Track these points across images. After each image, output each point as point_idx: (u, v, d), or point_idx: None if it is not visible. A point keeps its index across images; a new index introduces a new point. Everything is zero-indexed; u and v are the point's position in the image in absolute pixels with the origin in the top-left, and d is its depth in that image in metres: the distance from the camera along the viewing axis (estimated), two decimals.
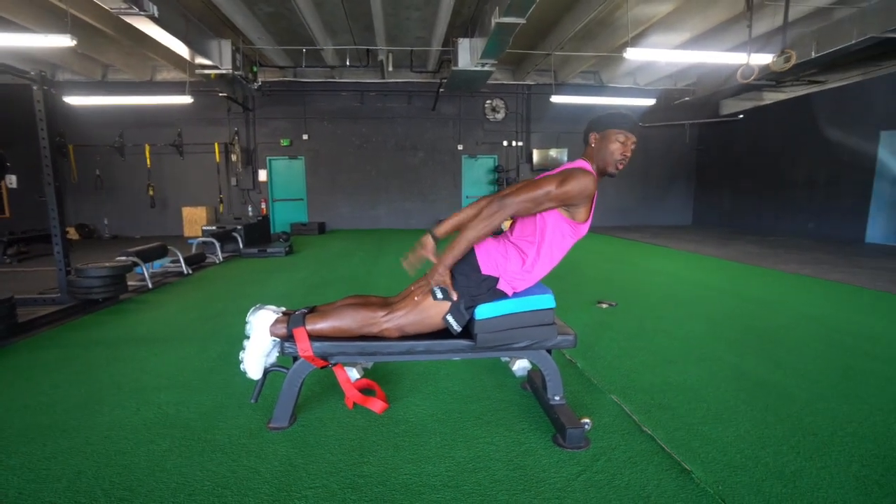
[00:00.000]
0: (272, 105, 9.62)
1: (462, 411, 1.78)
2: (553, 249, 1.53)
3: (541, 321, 1.55)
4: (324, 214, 10.20)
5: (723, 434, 1.58)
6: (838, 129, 7.56)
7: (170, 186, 9.62)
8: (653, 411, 1.76)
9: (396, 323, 1.55)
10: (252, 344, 1.56)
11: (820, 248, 6.55)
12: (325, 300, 3.66)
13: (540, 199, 1.42)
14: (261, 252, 6.11)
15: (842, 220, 7.54)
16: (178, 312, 3.31)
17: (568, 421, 1.55)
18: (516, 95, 10.40)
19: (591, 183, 1.42)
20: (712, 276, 4.55)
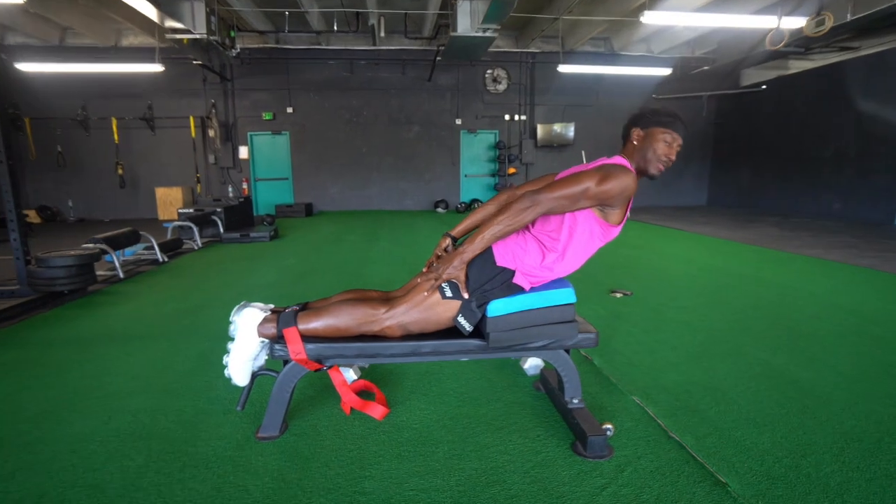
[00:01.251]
0: (252, 75, 9.35)
1: (471, 416, 1.72)
2: (579, 250, 1.48)
3: (560, 318, 1.49)
4: (311, 195, 10.05)
5: (758, 440, 1.53)
6: (871, 100, 7.44)
7: (141, 164, 9.41)
8: (679, 414, 1.71)
9: (399, 320, 1.47)
10: (237, 347, 1.49)
11: (847, 230, 6.51)
12: (314, 290, 3.59)
13: (577, 197, 1.37)
14: (243, 237, 6.00)
15: (870, 201, 7.49)
16: (153, 305, 3.23)
17: (589, 427, 1.49)
18: (519, 65, 10.17)
19: (633, 182, 1.38)
20: (732, 261, 4.50)
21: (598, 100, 10.50)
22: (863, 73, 7.60)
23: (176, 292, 3.58)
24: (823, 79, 8.27)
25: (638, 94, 10.54)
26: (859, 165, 7.68)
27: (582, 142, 10.61)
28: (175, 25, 6.63)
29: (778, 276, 3.85)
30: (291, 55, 9.26)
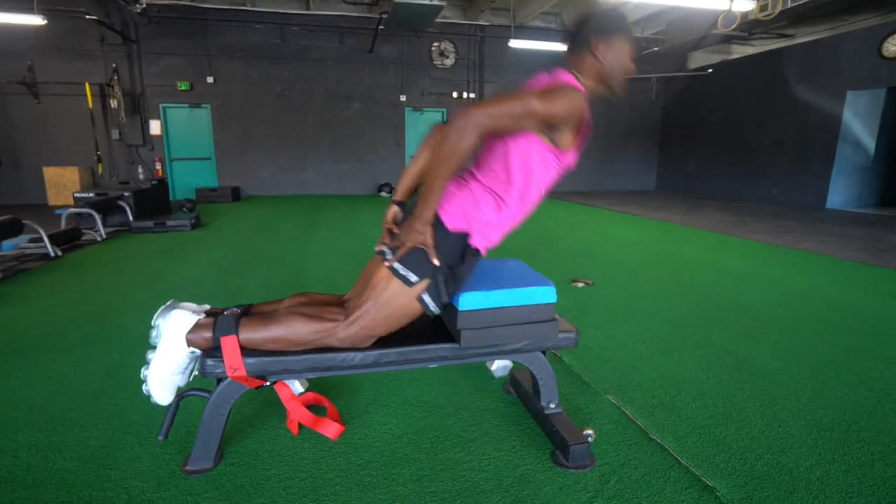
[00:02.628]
0: (163, 37, 8.51)
1: (438, 428, 1.63)
2: (537, 185, 1.35)
3: (540, 317, 1.42)
4: (238, 177, 9.42)
5: (736, 437, 1.57)
6: (806, 88, 8.11)
7: (23, 139, 8.31)
8: (657, 413, 1.72)
9: (363, 325, 1.32)
10: (160, 357, 1.28)
11: (786, 214, 7.10)
12: (247, 284, 3.32)
13: (518, 116, 1.20)
14: (158, 225, 5.48)
15: (805, 186, 8.22)
16: (42, 311, 2.82)
17: (569, 435, 1.45)
18: (468, 38, 10.06)
19: (584, 104, 1.24)
20: (688, 247, 4.73)
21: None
22: (798, 61, 8.26)
23: (74, 294, 3.16)
24: (763, 66, 8.91)
25: None
26: (795, 152, 8.39)
27: None
28: None
29: (733, 262, 4.09)
30: (210, 16, 8.51)
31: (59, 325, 2.58)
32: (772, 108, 8.77)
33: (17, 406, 1.76)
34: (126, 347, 2.29)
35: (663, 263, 4.04)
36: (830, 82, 7.73)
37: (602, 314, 2.78)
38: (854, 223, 6.27)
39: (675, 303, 2.99)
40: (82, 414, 1.70)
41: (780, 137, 8.62)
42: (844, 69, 7.53)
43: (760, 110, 9.00)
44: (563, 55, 1.39)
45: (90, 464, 1.42)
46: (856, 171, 7.91)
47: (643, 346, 2.32)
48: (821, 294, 3.18)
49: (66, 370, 2.04)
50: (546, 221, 6.50)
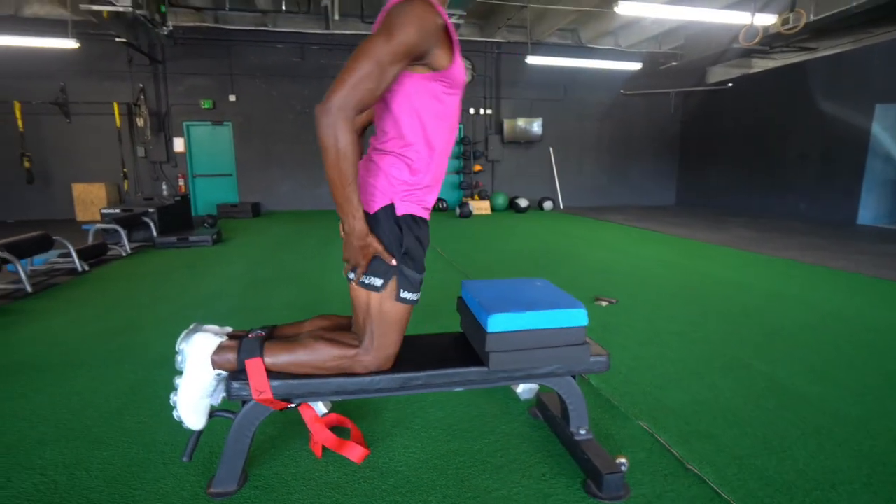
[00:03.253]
0: (188, 57, 8.78)
1: (464, 453, 1.58)
2: (436, 123, 1.24)
3: (570, 340, 1.38)
4: (258, 193, 9.58)
5: (781, 470, 1.49)
6: (832, 101, 7.95)
7: (54, 157, 8.60)
8: (692, 441, 1.65)
9: (375, 349, 1.30)
10: (187, 382, 1.27)
11: (814, 231, 6.91)
12: (269, 301, 3.34)
13: (375, 74, 1.06)
14: (181, 241, 5.58)
15: (834, 201, 8.01)
16: (69, 326, 2.87)
17: (602, 463, 1.39)
18: (485, 55, 10.16)
19: (427, 10, 1.09)
20: (712, 265, 4.62)
21: (567, 95, 10.67)
22: (824, 75, 8.12)
23: (100, 309, 3.22)
24: (786, 79, 8.78)
25: (606, 90, 10.81)
26: (822, 166, 8.20)
27: (551, 138, 10.74)
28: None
29: (760, 281, 3.97)
30: (233, 36, 8.78)
31: (86, 341, 2.61)
32: (796, 122, 8.62)
33: (46, 421, 1.77)
34: (149, 364, 2.30)
35: (686, 281, 3.95)
36: (858, 95, 7.58)
37: (627, 334, 2.71)
38: (889, 240, 6.06)
39: (702, 323, 2.91)
40: (107, 431, 1.70)
41: (806, 151, 8.44)
42: (872, 82, 7.38)
43: (784, 124, 8.85)
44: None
45: (115, 484, 1.41)
46: (887, 186, 7.68)
47: (672, 368, 2.25)
48: (858, 315, 3.06)
49: (91, 386, 2.06)
50: (565, 238, 6.44)
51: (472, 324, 1.46)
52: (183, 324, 2.89)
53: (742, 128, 9.78)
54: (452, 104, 1.26)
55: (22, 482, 1.42)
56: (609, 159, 11.28)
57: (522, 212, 9.81)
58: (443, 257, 5.00)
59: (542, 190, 10.96)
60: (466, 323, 1.56)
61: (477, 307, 1.40)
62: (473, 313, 1.44)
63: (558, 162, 10.93)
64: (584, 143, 11.04)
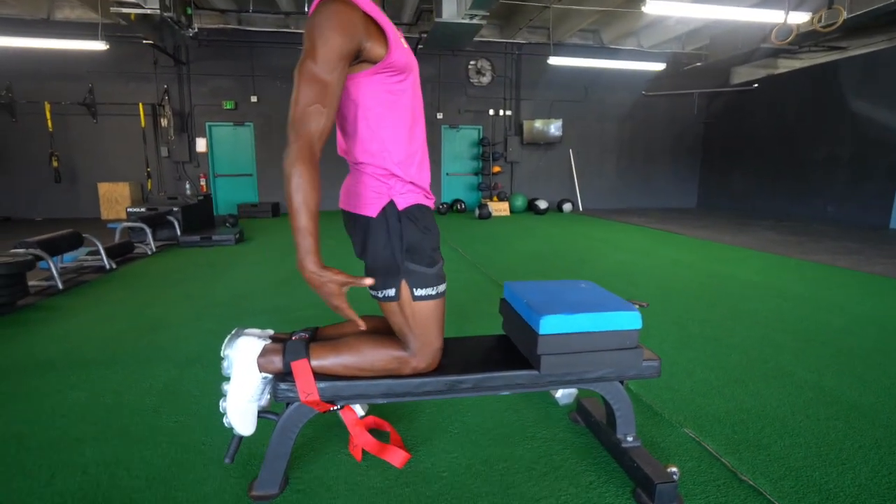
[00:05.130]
0: (212, 58, 8.90)
1: (507, 458, 1.55)
2: (394, 112, 1.19)
3: (624, 344, 1.33)
4: (278, 193, 9.66)
5: (840, 482, 1.42)
6: (864, 101, 7.73)
7: (81, 156, 8.78)
8: (742, 450, 1.59)
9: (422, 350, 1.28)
10: (235, 387, 1.26)
11: (845, 235, 6.71)
12: (295, 301, 3.34)
13: (318, 91, 1.03)
14: (204, 240, 5.63)
15: (865, 204, 7.78)
16: (101, 323, 2.90)
17: (654, 472, 1.34)
18: (505, 56, 10.11)
19: (343, 9, 1.04)
20: (739, 268, 4.51)
21: (588, 96, 10.56)
22: (854, 74, 7.90)
23: (129, 306, 3.25)
24: (814, 79, 8.57)
25: (628, 91, 10.68)
26: (853, 168, 7.97)
27: (571, 139, 10.64)
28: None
29: (791, 285, 3.86)
30: (256, 38, 8.86)
31: (117, 338, 2.63)
32: (825, 123, 8.40)
33: (84, 419, 1.77)
34: (181, 362, 2.30)
35: (714, 285, 3.85)
36: (892, 95, 7.35)
37: (661, 339, 2.64)
38: None
39: (735, 328, 2.82)
40: (145, 430, 1.70)
41: (836, 153, 8.22)
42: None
43: (813, 125, 8.63)
44: None
45: (157, 484, 1.40)
46: None
47: (712, 375, 2.18)
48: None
49: (125, 383, 2.07)
50: (585, 240, 6.36)
51: (519, 326, 1.43)
52: (212, 322, 2.90)
53: (767, 129, 9.57)
54: (406, 90, 1.21)
55: (65, 480, 1.42)
56: (629, 161, 11.13)
57: (542, 213, 9.73)
58: (465, 259, 4.96)
59: (561, 192, 10.86)
60: (511, 325, 1.53)
61: (525, 309, 1.37)
62: (521, 315, 1.41)
63: (578, 163, 10.82)
64: (604, 145, 10.92)
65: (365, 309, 3.15)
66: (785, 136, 9.19)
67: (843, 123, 8.07)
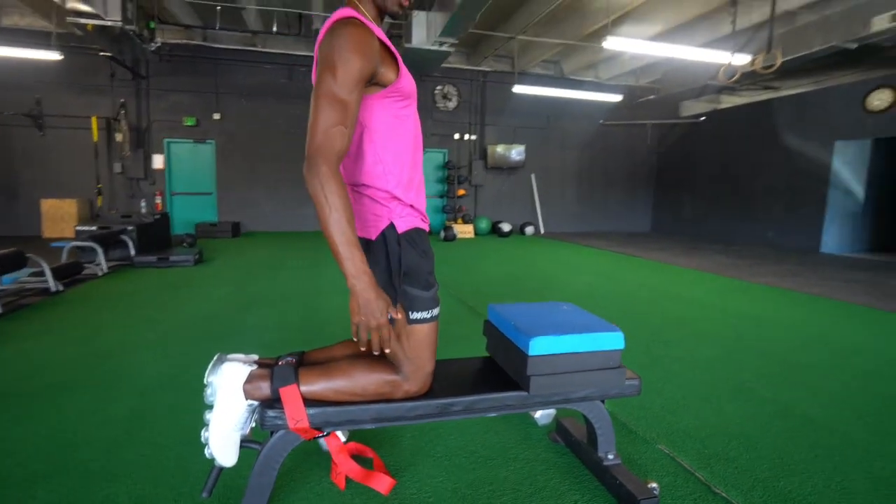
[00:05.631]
0: (173, 74, 8.67)
1: (491, 481, 1.55)
2: (396, 136, 1.23)
3: (608, 364, 1.39)
4: (238, 213, 9.39)
5: (801, 491, 1.52)
6: (796, 136, 8.45)
7: (23, 170, 8.25)
8: (713, 464, 1.67)
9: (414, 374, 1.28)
10: (219, 415, 1.21)
11: (784, 258, 7.22)
12: (263, 322, 3.24)
13: (339, 111, 1.05)
14: (161, 260, 5.38)
15: (799, 230, 8.42)
16: (51, 349, 2.71)
17: (636, 488, 1.39)
18: (471, 82, 10.40)
19: (363, 34, 1.08)
20: (696, 289, 4.76)
21: (549, 124, 10.98)
22: (786, 112, 8.64)
23: (82, 331, 3.05)
24: (753, 115, 9.30)
25: (587, 120, 11.19)
26: (787, 197, 8.64)
27: (533, 165, 10.99)
28: (80, 7, 5.97)
29: (745, 306, 4.10)
30: (221, 55, 8.73)
31: (71, 365, 2.47)
32: (763, 155, 9.10)
33: (35, 456, 1.64)
34: (145, 389, 2.18)
35: (674, 306, 4.04)
36: (819, 132, 8.08)
37: (631, 359, 2.74)
38: (853, 268, 6.38)
39: (697, 347, 2.97)
40: (108, 464, 1.60)
41: (773, 183, 8.89)
42: (832, 120, 7.89)
43: (752, 157, 9.32)
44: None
45: None
46: (847, 218, 8.14)
47: (679, 393, 2.27)
48: (841, 339, 3.18)
49: (83, 414, 1.94)
50: (550, 263, 6.53)
51: (506, 347, 1.46)
52: (176, 346, 2.77)
53: (714, 159, 10.24)
54: (410, 115, 1.26)
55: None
56: (589, 187, 11.59)
57: (505, 236, 9.92)
58: None
59: (523, 215, 11.13)
60: (497, 347, 1.56)
61: (513, 331, 1.40)
62: (508, 337, 1.44)
63: (540, 188, 11.16)
64: (565, 171, 11.33)
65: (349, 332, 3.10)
66: (729, 166, 9.86)
67: (779, 156, 8.76)
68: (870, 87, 7.35)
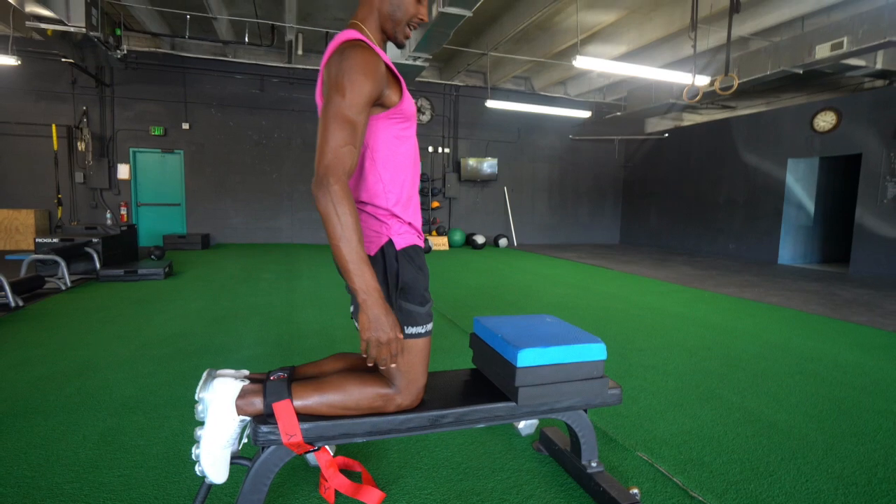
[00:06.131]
0: (140, 82, 8.45)
1: (479, 491, 1.58)
2: (395, 157, 1.27)
3: (592, 374, 1.44)
4: (208, 225, 9.16)
5: (769, 493, 1.61)
6: (753, 153, 8.93)
7: None
8: (689, 469, 1.74)
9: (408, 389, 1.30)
10: (211, 431, 1.20)
11: (744, 269, 7.58)
12: (237, 338, 3.17)
13: (348, 132, 1.08)
14: (129, 273, 5.20)
15: (758, 243, 8.86)
16: (14, 368, 2.58)
17: (619, 495, 1.44)
18: (444, 96, 10.55)
19: (371, 57, 1.12)
20: (664, 300, 4.94)
21: (521, 138, 11.23)
22: (743, 130, 9.14)
23: (47, 348, 2.92)
24: (713, 132, 9.79)
25: (557, 135, 11.50)
26: (747, 210, 9.10)
27: (506, 177, 11.19)
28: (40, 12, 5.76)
29: (710, 316, 4.29)
30: (190, 64, 8.58)
31: (36, 385, 2.36)
32: (724, 171, 9.56)
33: (2, 480, 1.57)
34: (117, 409, 2.11)
35: (645, 317, 4.19)
36: (773, 150, 8.57)
37: (606, 369, 2.83)
38: (807, 278, 6.76)
39: (669, 356, 3.09)
40: (82, 488, 1.54)
41: (733, 197, 9.35)
42: (784, 139, 8.39)
43: (714, 172, 9.78)
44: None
45: None
46: (800, 231, 8.63)
47: (655, 401, 2.36)
48: (798, 346, 3.37)
49: (53, 436, 1.86)
50: (524, 274, 6.65)
51: (494, 359, 1.50)
52: (149, 364, 2.69)
53: (678, 174, 10.69)
54: (410, 136, 1.30)
55: None
56: (559, 200, 11.87)
57: (479, 248, 10.03)
58: None
59: (497, 227, 11.29)
60: (483, 359, 1.59)
61: (501, 343, 1.44)
62: (496, 349, 1.48)
63: (512, 201, 11.36)
64: (536, 184, 11.58)
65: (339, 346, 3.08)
66: (692, 181, 10.31)
67: (738, 171, 9.24)
68: (816, 108, 7.86)
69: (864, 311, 4.59)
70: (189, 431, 1.92)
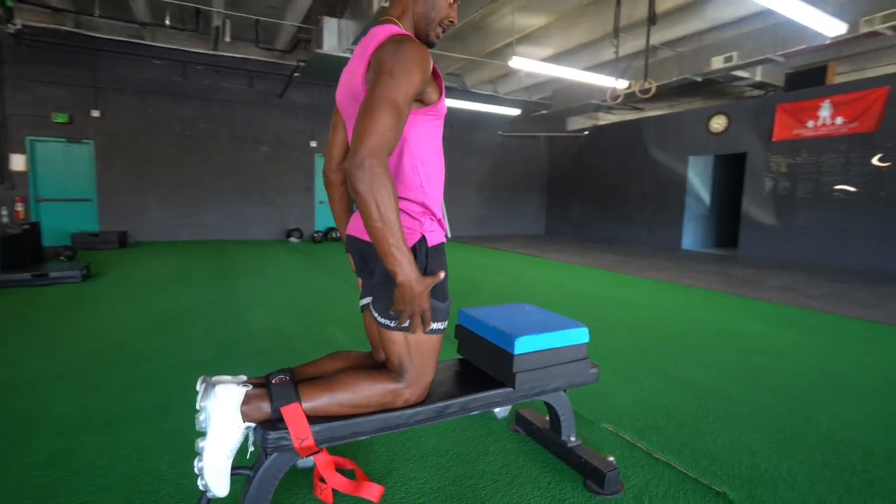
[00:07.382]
0: (38, 62, 7.37)
1: (471, 475, 1.62)
2: (436, 156, 1.31)
3: (576, 356, 1.53)
4: (125, 221, 8.27)
5: (716, 447, 1.81)
6: (659, 151, 9.76)
7: None
8: (649, 435, 1.91)
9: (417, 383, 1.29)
10: (215, 441, 1.11)
11: (656, 254, 8.30)
12: (183, 342, 2.93)
13: (395, 117, 1.07)
14: (38, 277, 4.56)
15: (665, 230, 9.73)
16: None
17: (600, 464, 1.55)
18: None
19: (426, 52, 1.14)
20: (595, 285, 5.29)
21: (453, 133, 11.34)
22: (650, 130, 9.96)
23: None
24: (625, 131, 10.55)
25: (487, 130, 11.76)
26: (655, 202, 9.94)
27: None
28: None
29: (637, 297, 4.66)
30: (99, 45, 7.62)
31: None
32: (636, 166, 10.36)
33: None
34: (62, 429, 1.88)
35: (583, 301, 4.46)
36: (676, 148, 9.43)
37: None
38: (707, 261, 7.56)
39: (611, 336, 3.33)
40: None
41: (644, 190, 10.17)
42: (685, 138, 9.26)
43: (627, 167, 10.56)
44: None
45: None
46: (699, 219, 9.61)
47: (609, 377, 2.54)
48: (713, 320, 3.79)
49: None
50: (461, 265, 6.77)
51: (486, 348, 1.53)
52: (92, 375, 2.41)
53: (597, 169, 11.40)
54: (440, 134, 1.33)
55: None
56: (490, 193, 12.18)
57: None
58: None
59: None
60: (472, 348, 1.62)
61: (494, 332, 1.48)
62: (488, 339, 1.52)
63: (446, 194, 11.46)
64: (467, 178, 11.78)
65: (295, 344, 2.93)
66: (609, 175, 11.06)
67: (647, 167, 10.06)
68: (711, 112, 8.76)
69: (754, 288, 5.23)
70: (155, 446, 1.76)
